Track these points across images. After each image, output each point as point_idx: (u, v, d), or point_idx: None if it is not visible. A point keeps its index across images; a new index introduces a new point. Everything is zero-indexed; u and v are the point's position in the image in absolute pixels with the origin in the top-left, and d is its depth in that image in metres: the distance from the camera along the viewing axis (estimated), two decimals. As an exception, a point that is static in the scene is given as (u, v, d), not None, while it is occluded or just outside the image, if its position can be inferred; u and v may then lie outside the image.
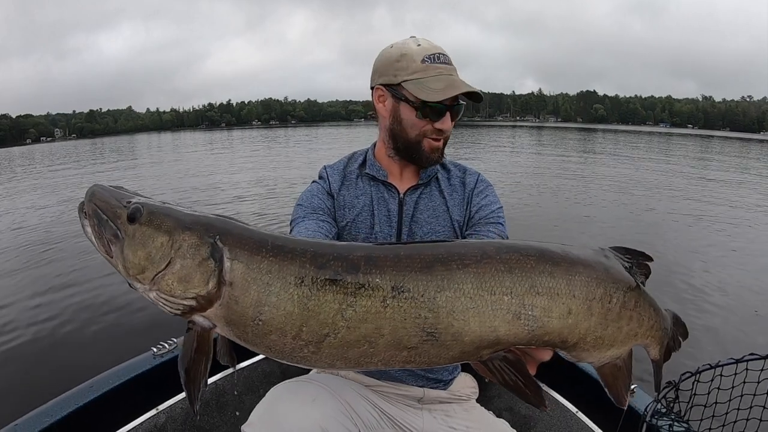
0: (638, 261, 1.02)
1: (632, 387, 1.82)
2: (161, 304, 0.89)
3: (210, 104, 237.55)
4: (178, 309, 0.89)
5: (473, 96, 1.49)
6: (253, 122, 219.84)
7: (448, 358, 0.88)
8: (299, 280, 0.84)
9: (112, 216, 0.91)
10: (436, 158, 1.57)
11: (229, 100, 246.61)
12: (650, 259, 1.02)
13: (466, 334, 0.85)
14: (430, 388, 1.59)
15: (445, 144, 1.57)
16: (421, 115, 1.49)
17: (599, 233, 9.32)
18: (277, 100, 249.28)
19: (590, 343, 0.94)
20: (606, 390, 1.05)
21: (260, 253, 0.87)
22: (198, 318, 0.90)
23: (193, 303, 0.87)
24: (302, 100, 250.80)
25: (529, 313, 0.87)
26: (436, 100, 1.46)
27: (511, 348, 0.90)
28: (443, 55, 1.51)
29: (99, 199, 0.93)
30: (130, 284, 0.92)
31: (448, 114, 1.49)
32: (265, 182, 16.90)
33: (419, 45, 1.52)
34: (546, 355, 0.96)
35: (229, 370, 2.19)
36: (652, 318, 1.03)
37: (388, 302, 0.84)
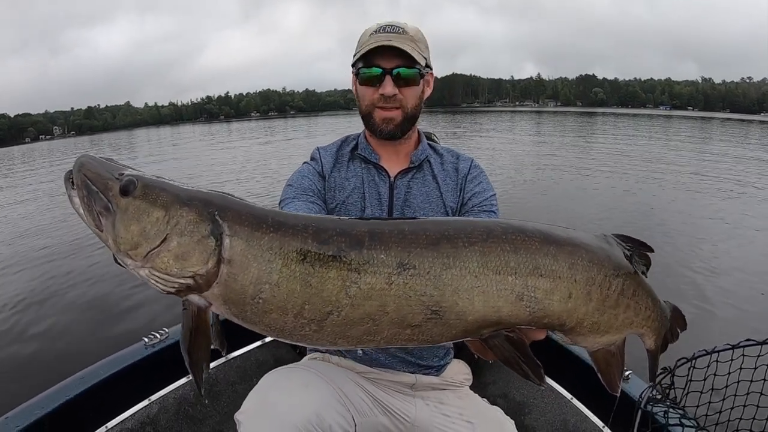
0: (639, 251, 1.01)
1: (626, 373, 1.81)
2: (153, 281, 0.86)
3: (208, 97, 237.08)
4: (173, 287, 0.85)
5: (407, 58, 1.46)
6: (252, 114, 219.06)
7: (450, 336, 0.88)
8: (301, 256, 0.82)
9: (103, 188, 0.87)
10: (390, 130, 1.53)
11: (227, 92, 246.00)
12: (651, 249, 1.02)
13: (470, 313, 0.85)
14: (422, 374, 1.57)
15: (407, 117, 1.53)
16: (362, 81, 1.51)
17: (598, 216, 9.31)
18: (276, 91, 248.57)
19: (587, 327, 0.95)
20: (599, 376, 1.06)
21: (261, 229, 0.84)
22: (193, 297, 0.87)
23: (190, 282, 0.84)
24: (300, 91, 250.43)
25: (532, 294, 0.87)
26: (357, 56, 1.49)
27: (513, 328, 0.90)
28: (392, 26, 1.50)
29: (89, 170, 0.89)
30: (118, 260, 0.89)
31: (387, 78, 1.47)
32: (264, 168, 17.01)
33: (379, 23, 1.53)
34: (540, 335, 0.97)
35: (222, 360, 2.19)
36: (649, 308, 1.03)
37: (393, 279, 0.83)
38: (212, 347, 0.98)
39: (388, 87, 1.47)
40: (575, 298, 0.90)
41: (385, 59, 1.46)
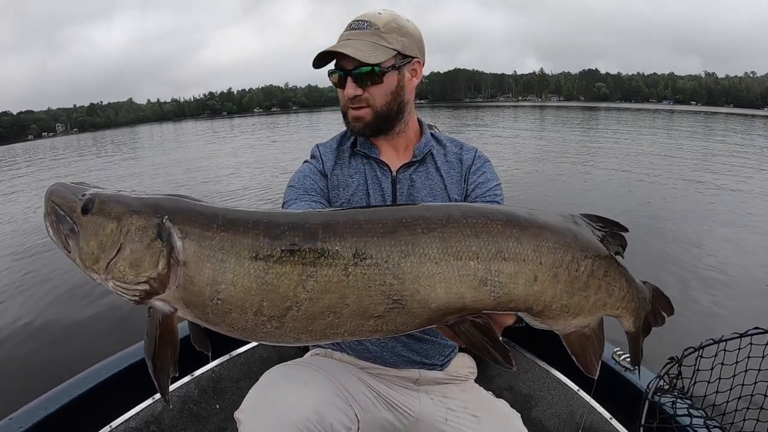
0: (612, 231, 0.99)
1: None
2: (119, 292, 0.88)
3: (211, 93, 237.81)
4: (135, 295, 0.87)
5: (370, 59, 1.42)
6: (255, 110, 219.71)
7: (414, 325, 0.87)
8: (254, 253, 0.82)
9: (68, 210, 0.90)
10: (359, 128, 1.51)
11: (230, 88, 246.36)
12: (625, 229, 1.00)
13: (432, 301, 0.84)
14: (426, 369, 1.56)
15: (378, 115, 1.49)
16: (334, 84, 1.51)
17: (603, 207, 9.26)
18: (278, 86, 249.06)
19: (556, 310, 0.93)
20: (574, 359, 1.03)
21: (211, 229, 0.84)
22: (157, 303, 0.88)
23: (146, 287, 0.85)
24: (303, 86, 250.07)
25: (495, 279, 0.85)
26: (313, 63, 1.48)
27: (479, 313, 0.89)
28: (359, 21, 1.47)
29: (57, 197, 0.92)
30: (90, 276, 0.91)
31: (349, 79, 1.45)
32: (268, 164, 17.07)
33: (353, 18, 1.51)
34: (509, 320, 0.97)
35: (226, 357, 2.19)
36: (623, 289, 1.01)
37: (350, 270, 0.82)
38: (197, 349, 0.98)
39: (350, 89, 1.45)
40: (541, 281, 0.88)
41: (347, 60, 1.44)
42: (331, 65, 1.49)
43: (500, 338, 0.91)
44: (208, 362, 2.15)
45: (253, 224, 0.84)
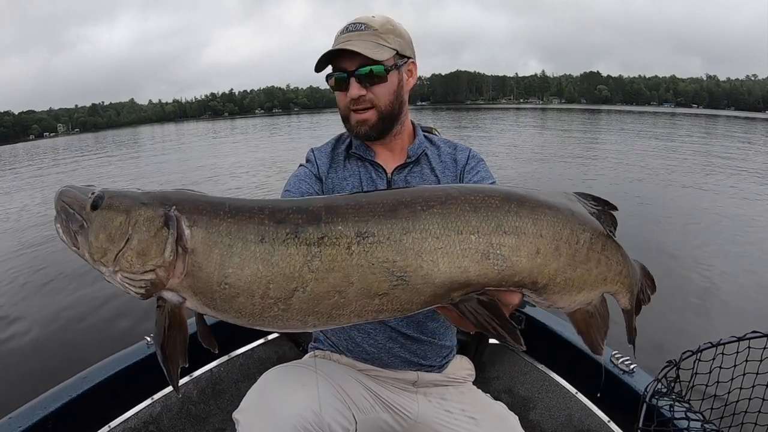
0: (604, 208, 1.03)
1: (631, 366, 1.80)
2: (126, 284, 0.89)
3: (212, 94, 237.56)
4: (142, 286, 0.88)
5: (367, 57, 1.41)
6: (256, 111, 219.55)
7: (420, 302, 0.88)
8: (260, 237, 0.85)
9: (78, 208, 0.92)
10: (365, 131, 1.50)
11: (232, 89, 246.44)
12: (615, 208, 1.04)
13: (436, 276, 0.86)
14: (425, 371, 1.56)
15: (383, 116, 1.49)
16: (333, 87, 1.50)
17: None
18: (280, 87, 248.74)
19: (560, 284, 0.95)
20: (581, 338, 1.07)
21: (218, 216, 0.87)
22: (167, 294, 0.90)
23: (153, 276, 0.87)
24: (304, 87, 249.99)
25: (498, 252, 0.87)
26: (316, 66, 1.47)
27: (484, 290, 0.90)
28: (355, 24, 1.48)
29: (66, 196, 0.95)
30: (99, 271, 0.93)
31: (352, 80, 1.44)
32: (270, 166, 17.11)
33: (347, 22, 1.51)
34: (515, 298, 0.97)
35: (225, 357, 2.19)
36: (620, 263, 1.04)
37: (353, 249, 0.84)
38: (204, 346, 0.99)
39: (354, 89, 1.45)
40: (543, 253, 0.91)
41: (348, 61, 1.43)
42: (329, 69, 1.49)
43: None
44: (206, 363, 2.15)
45: (258, 210, 0.88)
